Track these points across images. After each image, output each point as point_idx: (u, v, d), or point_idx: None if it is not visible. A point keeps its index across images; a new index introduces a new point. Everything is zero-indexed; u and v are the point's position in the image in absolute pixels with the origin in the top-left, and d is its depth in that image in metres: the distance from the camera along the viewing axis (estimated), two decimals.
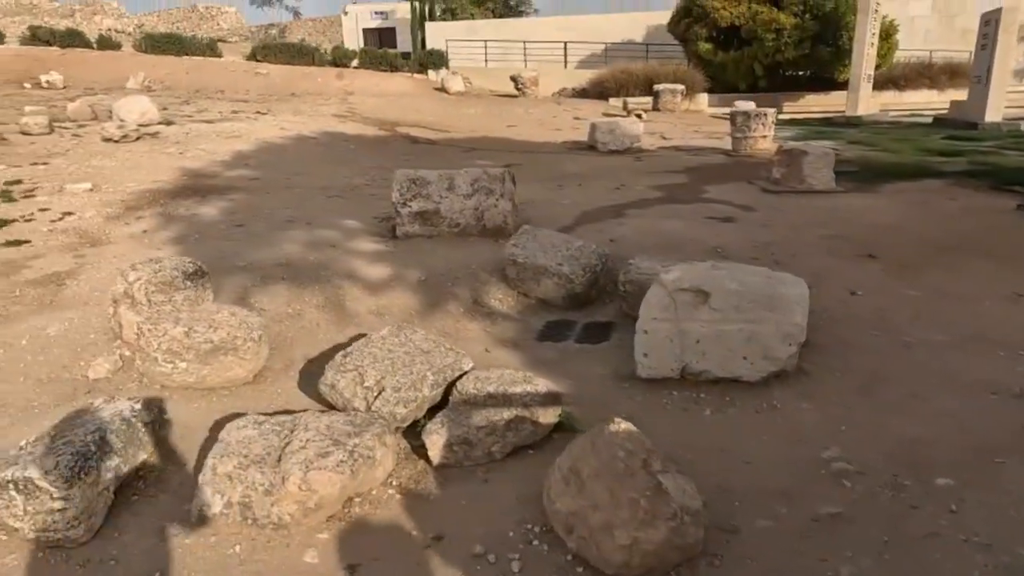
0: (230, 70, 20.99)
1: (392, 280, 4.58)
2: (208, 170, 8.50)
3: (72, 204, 6.63)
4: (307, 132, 12.12)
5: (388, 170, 9.35)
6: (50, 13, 49.50)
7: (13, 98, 15.48)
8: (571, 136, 13.36)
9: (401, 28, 32.52)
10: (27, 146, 9.55)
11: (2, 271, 4.76)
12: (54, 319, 3.85)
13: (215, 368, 3.02)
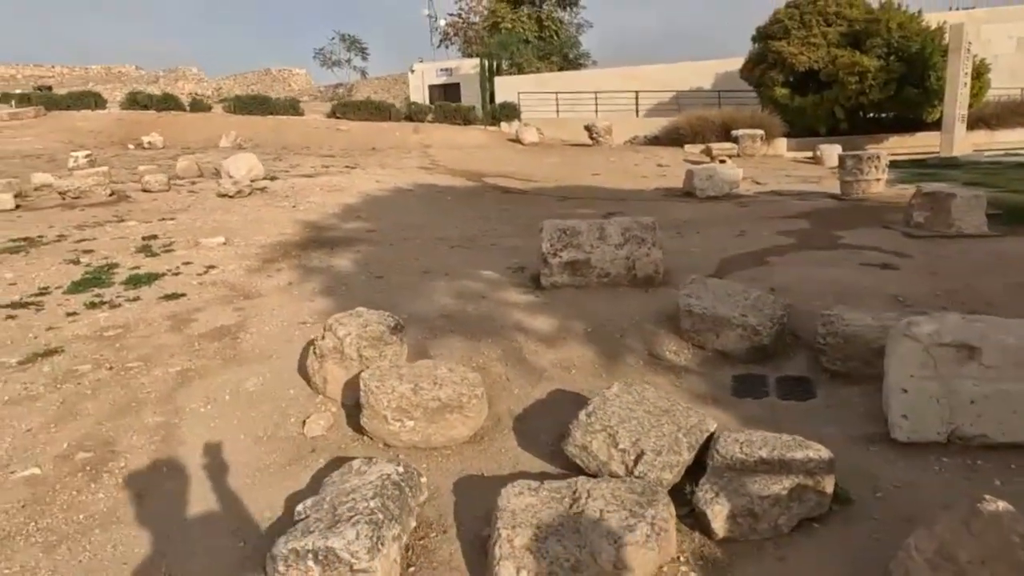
0: (312, 127, 21.93)
1: (560, 332, 4.46)
2: (325, 223, 8.71)
3: (211, 258, 6.83)
4: (402, 184, 12.40)
5: (492, 220, 9.45)
6: (137, 80, 53.27)
7: (121, 158, 16.46)
8: (660, 183, 13.27)
9: (465, 84, 33.57)
10: (150, 203, 10.03)
11: (174, 325, 4.86)
12: (245, 374, 3.86)
13: (440, 427, 2.92)
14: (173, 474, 2.83)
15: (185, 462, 2.92)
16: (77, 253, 7.01)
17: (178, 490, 2.71)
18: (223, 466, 2.87)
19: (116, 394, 3.66)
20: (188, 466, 2.89)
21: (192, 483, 2.75)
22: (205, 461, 2.92)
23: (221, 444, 3.05)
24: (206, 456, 2.95)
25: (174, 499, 2.67)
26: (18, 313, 5.16)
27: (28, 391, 3.76)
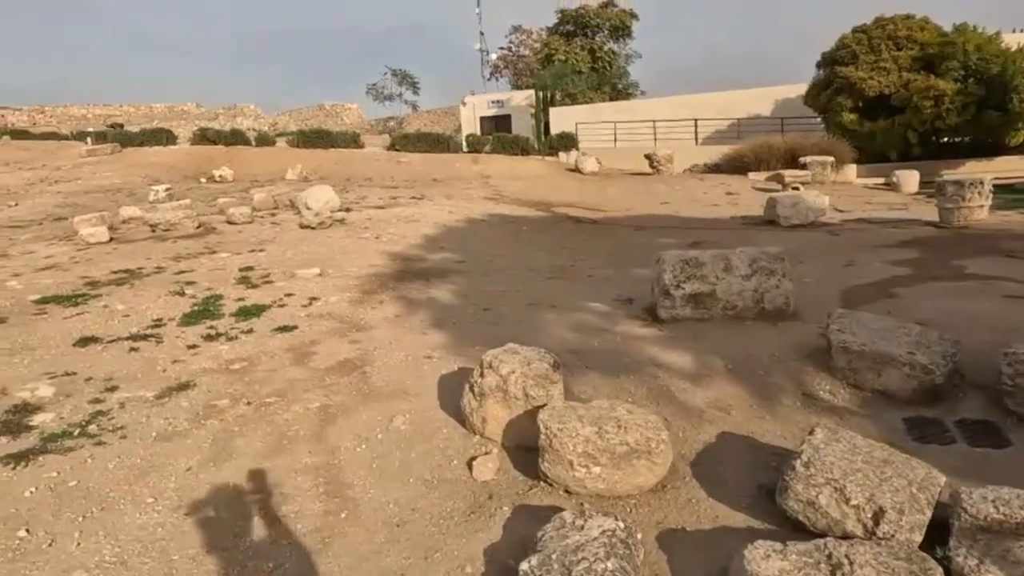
0: (373, 159, 22.36)
1: (700, 369, 4.24)
2: (410, 253, 8.70)
3: (311, 289, 6.83)
4: (474, 215, 12.40)
5: (576, 251, 9.31)
6: (198, 117, 55.66)
7: (195, 191, 17.00)
8: (734, 211, 12.98)
9: (516, 115, 33.92)
10: (236, 234, 10.23)
11: (295, 358, 4.81)
12: (388, 411, 3.74)
13: (627, 473, 2.72)
14: (352, 519, 2.70)
15: (360, 506, 2.78)
16: (180, 285, 7.12)
17: (364, 538, 2.57)
18: (402, 511, 2.72)
19: (264, 431, 3.58)
20: (364, 510, 2.76)
21: (377, 530, 2.61)
22: (380, 505, 2.78)
23: (390, 487, 2.91)
24: (380, 499, 2.81)
25: (363, 548, 2.52)
26: (139, 345, 5.20)
27: (173, 427, 3.72)
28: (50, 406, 4.05)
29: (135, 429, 3.70)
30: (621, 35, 30.11)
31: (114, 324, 5.79)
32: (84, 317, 6.00)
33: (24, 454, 3.42)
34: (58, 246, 9.85)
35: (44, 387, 4.31)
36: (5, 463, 3.34)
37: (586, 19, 29.51)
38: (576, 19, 29.81)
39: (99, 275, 7.75)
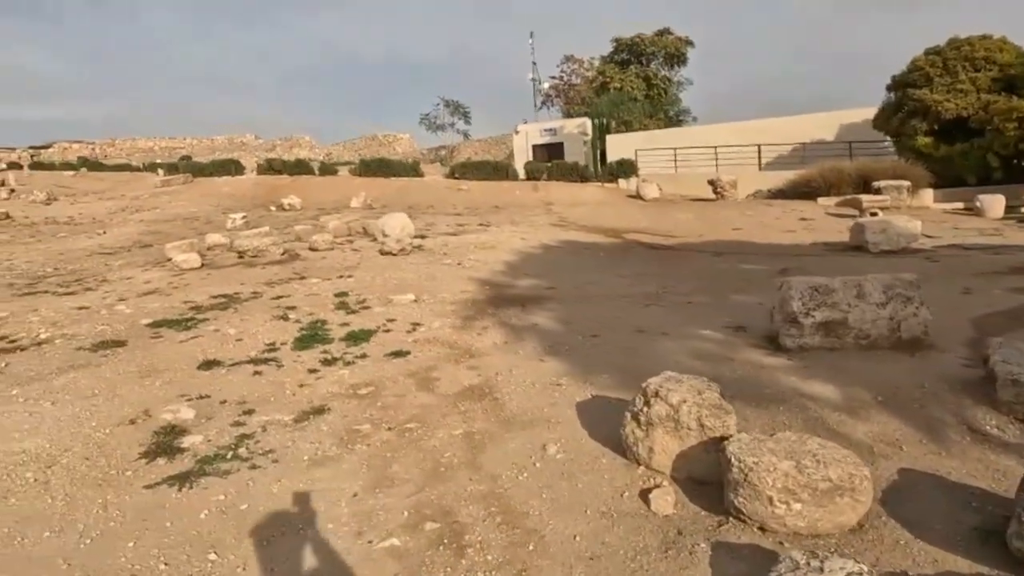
0: (433, 187, 22.73)
1: (848, 400, 4.05)
2: (497, 280, 8.71)
3: (410, 314, 6.88)
4: (547, 241, 12.41)
5: (664, 277, 9.15)
6: (256, 148, 57.85)
7: (266, 219, 17.51)
8: (812, 236, 12.65)
9: (569, 143, 34.14)
10: (320, 260, 10.45)
11: (419, 384, 4.81)
12: (535, 439, 3.68)
13: (829, 511, 2.58)
14: (541, 552, 2.62)
15: (545, 538, 2.70)
16: (282, 309, 7.26)
17: (561, 572, 2.49)
18: (592, 545, 2.63)
19: (415, 457, 3.55)
20: (551, 543, 2.68)
21: (572, 565, 2.52)
22: (566, 538, 2.69)
23: (569, 518, 2.83)
24: (562, 531, 2.73)
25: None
26: (262, 369, 5.29)
27: (323, 451, 3.73)
28: (195, 428, 4.12)
29: (285, 453, 3.72)
30: (676, 62, 30.14)
31: (230, 348, 5.92)
32: (200, 341, 6.15)
33: (185, 476, 3.47)
34: (153, 271, 10.21)
35: (185, 409, 4.40)
36: (171, 484, 3.39)
37: (641, 47, 29.69)
38: (631, 47, 30.01)
39: (200, 300, 7.98)
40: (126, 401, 4.58)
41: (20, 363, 5.68)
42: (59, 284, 9.61)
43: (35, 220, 17.93)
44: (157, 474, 3.52)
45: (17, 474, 3.50)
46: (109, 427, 4.14)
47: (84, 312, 7.61)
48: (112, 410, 4.42)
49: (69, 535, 2.95)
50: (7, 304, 8.30)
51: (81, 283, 9.64)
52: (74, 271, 10.75)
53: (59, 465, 3.62)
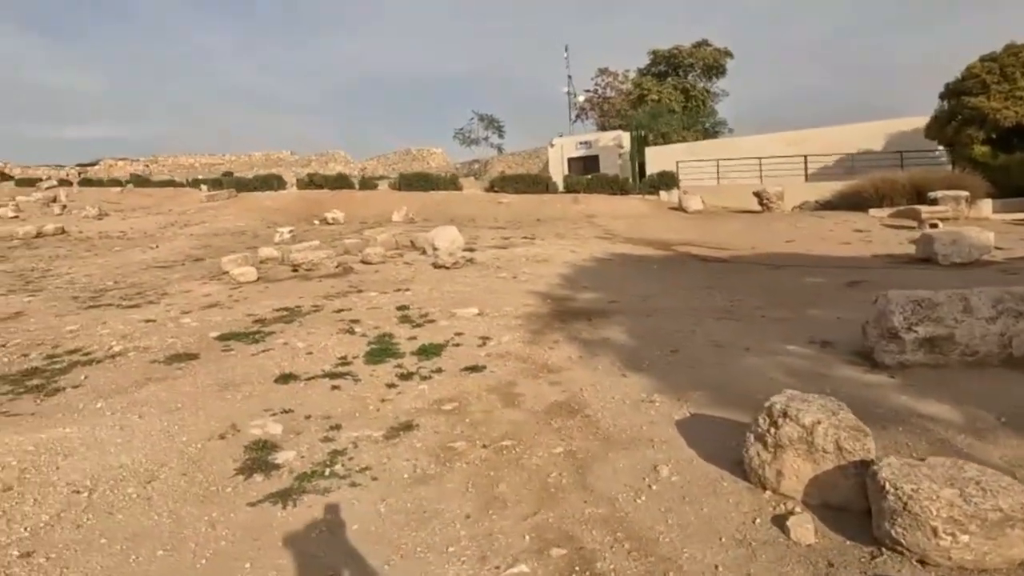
0: (474, 201, 22.78)
1: (972, 422, 3.82)
2: (557, 293, 8.58)
3: (476, 328, 6.79)
4: (598, 254, 12.26)
5: (725, 289, 8.91)
6: (292, 164, 58.83)
7: (311, 232, 17.70)
8: (870, 248, 12.28)
9: (604, 155, 34.02)
10: (374, 274, 10.46)
11: (503, 399, 4.70)
12: (642, 459, 3.54)
13: (998, 544, 2.38)
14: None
15: (684, 568, 2.55)
16: (346, 323, 7.24)
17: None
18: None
19: (521, 477, 3.43)
20: (691, 572, 2.52)
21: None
22: (706, 567, 2.53)
23: (703, 546, 2.67)
24: (702, 560, 2.57)
25: None
26: (339, 383, 5.23)
27: (421, 469, 3.63)
28: (286, 444, 4.06)
29: (382, 470, 3.63)
30: (714, 74, 29.86)
31: (302, 361, 5.89)
32: (271, 355, 6.14)
33: (286, 494, 3.40)
34: (211, 285, 10.33)
35: (272, 424, 4.35)
36: (273, 502, 3.32)
37: (679, 59, 29.50)
38: (668, 59, 29.84)
39: (263, 313, 8.01)
40: (212, 415, 4.56)
41: (99, 375, 5.73)
42: (122, 297, 9.77)
43: (89, 235, 18.39)
44: (257, 491, 3.45)
45: (119, 489, 3.47)
46: (200, 442, 4.10)
47: (151, 325, 7.69)
48: (199, 424, 4.40)
49: (183, 554, 2.88)
50: (76, 317, 8.46)
51: (143, 296, 9.79)
52: (134, 284, 10.92)
53: (158, 480, 3.59)
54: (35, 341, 7.26)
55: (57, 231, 18.34)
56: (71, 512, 3.24)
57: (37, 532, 3.06)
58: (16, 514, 3.19)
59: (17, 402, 5.08)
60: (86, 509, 3.26)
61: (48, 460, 3.75)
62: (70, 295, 10.10)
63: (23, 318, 8.57)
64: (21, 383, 5.62)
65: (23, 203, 26.47)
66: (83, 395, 5.19)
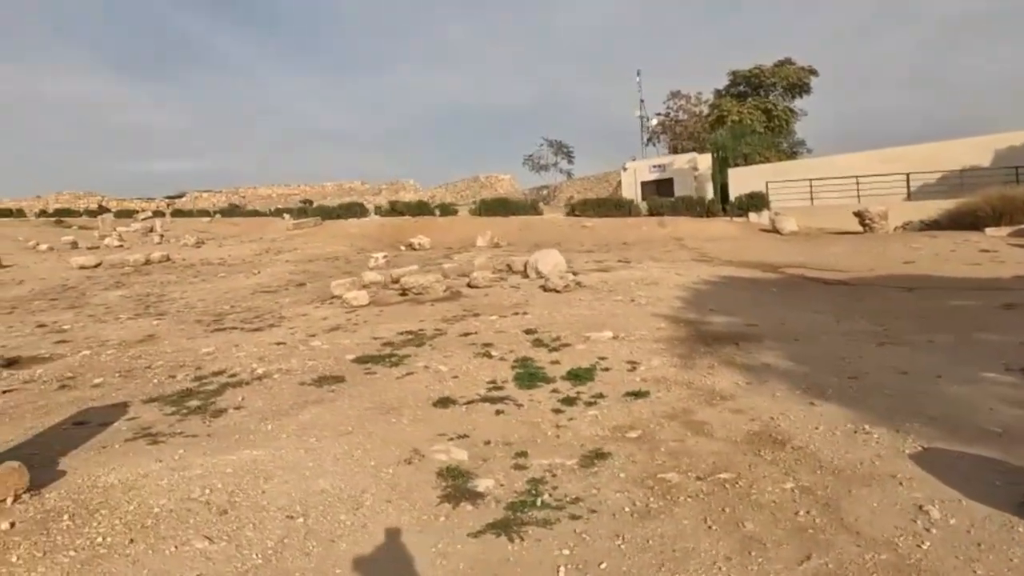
0: (556, 225, 22.68)
1: None
2: (684, 316, 8.24)
3: (619, 352, 6.53)
4: (705, 277, 11.83)
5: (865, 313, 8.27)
6: (363, 193, 60.57)
7: (400, 258, 17.91)
8: (1003, 269, 11.36)
9: (679, 178, 33.47)
10: (484, 298, 10.37)
11: (689, 428, 4.41)
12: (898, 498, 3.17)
13: None
14: None
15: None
16: (478, 347, 7.11)
17: None
18: None
19: (762, 515, 3.13)
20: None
21: None
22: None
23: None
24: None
25: None
26: (501, 408, 5.07)
27: (642, 503, 3.37)
28: (478, 471, 3.89)
29: (597, 502, 3.40)
30: (799, 92, 29.01)
31: (451, 385, 5.77)
32: (417, 378, 6.05)
33: (505, 525, 3.21)
34: (325, 309, 10.47)
35: (455, 450, 4.20)
36: (496, 534, 3.13)
37: (760, 78, 28.84)
38: (749, 79, 29.23)
39: (388, 336, 8.00)
40: (387, 439, 4.45)
41: (254, 397, 5.76)
42: (242, 321, 10.00)
43: (192, 262, 19.20)
44: (473, 521, 3.27)
45: (331, 515, 3.36)
46: (389, 467, 3.98)
47: (283, 348, 7.78)
48: (379, 448, 4.29)
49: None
50: (205, 340, 8.67)
51: (261, 320, 10.00)
52: (249, 308, 11.20)
53: (365, 507, 3.46)
54: (177, 363, 7.44)
55: (163, 258, 19.24)
56: (293, 539, 3.14)
57: (269, 559, 2.96)
58: (242, 539, 3.11)
59: (186, 423, 5.13)
60: (307, 536, 3.15)
61: (251, 483, 3.69)
62: (193, 319, 10.43)
63: (157, 341, 8.85)
64: (181, 404, 5.71)
65: (124, 233, 28.08)
66: (248, 417, 5.20)
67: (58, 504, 3.46)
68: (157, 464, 4.08)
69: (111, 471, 3.97)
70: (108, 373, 7.16)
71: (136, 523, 3.23)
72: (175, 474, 3.83)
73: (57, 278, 16.61)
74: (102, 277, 16.60)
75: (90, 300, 13.44)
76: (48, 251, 23.56)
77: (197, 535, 3.11)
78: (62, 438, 4.90)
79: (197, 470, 3.88)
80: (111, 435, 4.91)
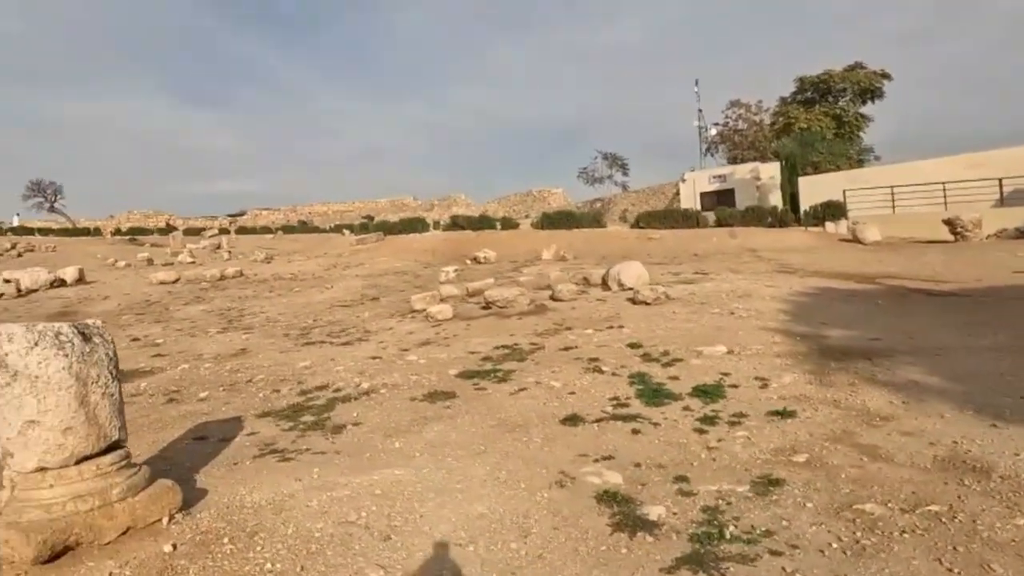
0: (621, 237, 22.28)
1: None
2: (795, 329, 7.76)
3: (739, 367, 6.14)
4: (798, 288, 11.27)
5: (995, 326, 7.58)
6: (415, 208, 61.32)
7: (467, 272, 17.80)
8: None
9: (740, 188, 32.64)
10: (570, 311, 10.08)
11: (863, 452, 4.01)
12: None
13: None
14: None
15: None
16: (584, 361, 6.83)
17: None
18: None
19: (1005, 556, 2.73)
20: None
21: None
22: None
23: None
24: None
25: None
26: (636, 427, 4.76)
27: (851, 538, 3.01)
28: (642, 496, 3.59)
29: (795, 537, 3.05)
30: (870, 97, 27.90)
31: (572, 401, 5.50)
32: (532, 394, 5.81)
33: (698, 560, 2.89)
34: (408, 323, 10.37)
35: (607, 472, 3.91)
36: (693, 571, 2.82)
37: (829, 84, 27.87)
38: (817, 85, 28.28)
39: (484, 350, 7.79)
40: (528, 460, 4.20)
41: (368, 413, 5.61)
42: (328, 334, 9.98)
43: (264, 277, 19.57)
44: (660, 554, 2.97)
45: (502, 544, 3.11)
46: (542, 490, 3.72)
47: (380, 362, 7.67)
48: (521, 468, 4.04)
49: None
50: (298, 353, 8.65)
51: (347, 334, 9.95)
52: (331, 322, 11.21)
53: (534, 535, 3.20)
54: (277, 377, 7.40)
55: (236, 274, 19.67)
56: (471, 570, 2.89)
57: None
58: (414, 568, 2.89)
59: (308, 439, 5.00)
60: (484, 567, 2.91)
61: (404, 506, 3.48)
62: (280, 333, 10.48)
63: (250, 354, 8.88)
64: (295, 419, 5.60)
65: (194, 250, 29.00)
66: (369, 433, 5.04)
67: (213, 525, 3.32)
68: (297, 483, 3.92)
69: (252, 490, 3.84)
70: (211, 387, 7.16)
71: (300, 548, 3.05)
72: (322, 495, 3.66)
73: (140, 293, 17.12)
74: (182, 292, 17.03)
75: (174, 314, 13.75)
76: (126, 267, 24.47)
77: (368, 563, 2.91)
78: (187, 453, 4.83)
79: (344, 491, 3.70)
80: (237, 451, 4.81)
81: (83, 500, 3.04)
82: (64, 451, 3.05)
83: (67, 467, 3.08)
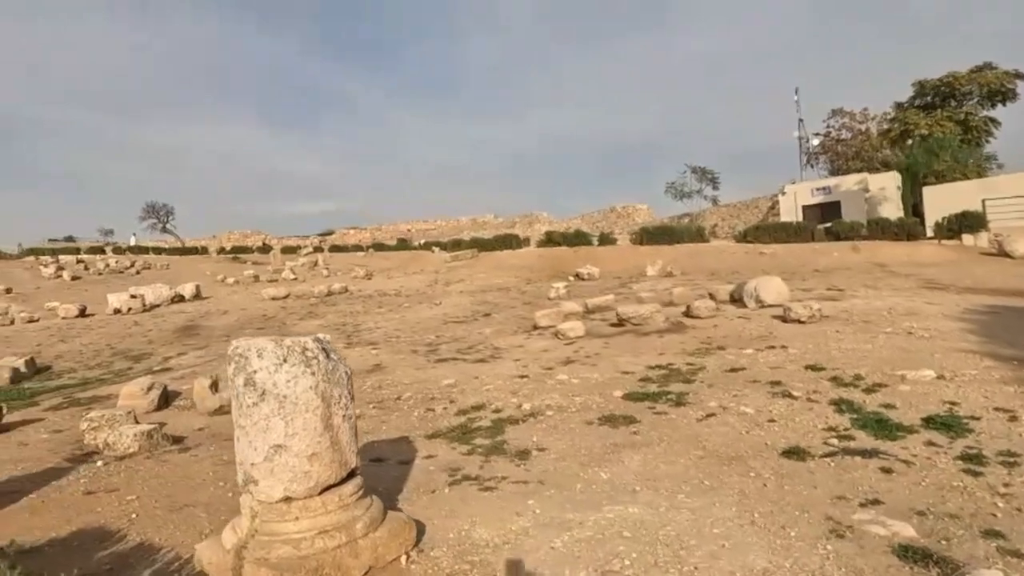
0: (728, 252, 21.25)
1: None
2: (1003, 352, 6.81)
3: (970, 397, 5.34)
4: (966, 306, 10.11)
5: None
6: (497, 226, 61.57)
7: (574, 288, 17.31)
8: None
9: (847, 200, 30.71)
10: (712, 329, 9.37)
11: None
12: None
13: None
14: None
15: None
16: (762, 384, 6.19)
17: None
18: None
19: None
20: None
21: None
22: None
23: None
24: None
25: None
26: (883, 464, 4.09)
27: None
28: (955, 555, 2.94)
29: None
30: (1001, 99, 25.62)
31: (778, 430, 4.88)
32: (722, 420, 5.23)
33: None
34: (539, 339, 9.97)
35: (890, 521, 3.27)
36: None
37: (953, 87, 25.82)
38: (938, 89, 26.27)
39: (636, 371, 7.27)
40: (777, 501, 3.62)
41: (545, 437, 5.18)
42: (457, 351, 9.70)
43: (369, 293, 19.79)
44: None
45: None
46: (820, 541, 3.13)
47: (527, 380, 7.27)
48: (775, 512, 3.46)
49: None
50: (435, 370, 8.38)
51: (475, 350, 9.65)
52: (453, 338, 10.96)
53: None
54: (425, 394, 7.12)
55: (342, 290, 20.00)
56: None
57: None
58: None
59: (495, 465, 4.60)
60: None
61: (669, 555, 2.99)
62: (407, 349, 10.29)
63: (386, 370, 8.69)
64: (468, 441, 5.25)
65: (295, 267, 29.95)
66: (560, 461, 4.60)
67: (455, 567, 2.93)
68: (519, 518, 3.51)
69: (473, 524, 3.45)
70: (360, 404, 6.93)
71: None
72: (562, 534, 3.22)
73: (256, 308, 17.61)
74: (295, 307, 17.39)
75: (291, 329, 13.95)
76: (235, 284, 25.49)
77: None
78: (373, 477, 4.52)
79: (584, 531, 3.25)
80: (425, 476, 4.47)
81: (330, 536, 2.72)
82: (309, 479, 2.74)
83: (311, 497, 2.77)
